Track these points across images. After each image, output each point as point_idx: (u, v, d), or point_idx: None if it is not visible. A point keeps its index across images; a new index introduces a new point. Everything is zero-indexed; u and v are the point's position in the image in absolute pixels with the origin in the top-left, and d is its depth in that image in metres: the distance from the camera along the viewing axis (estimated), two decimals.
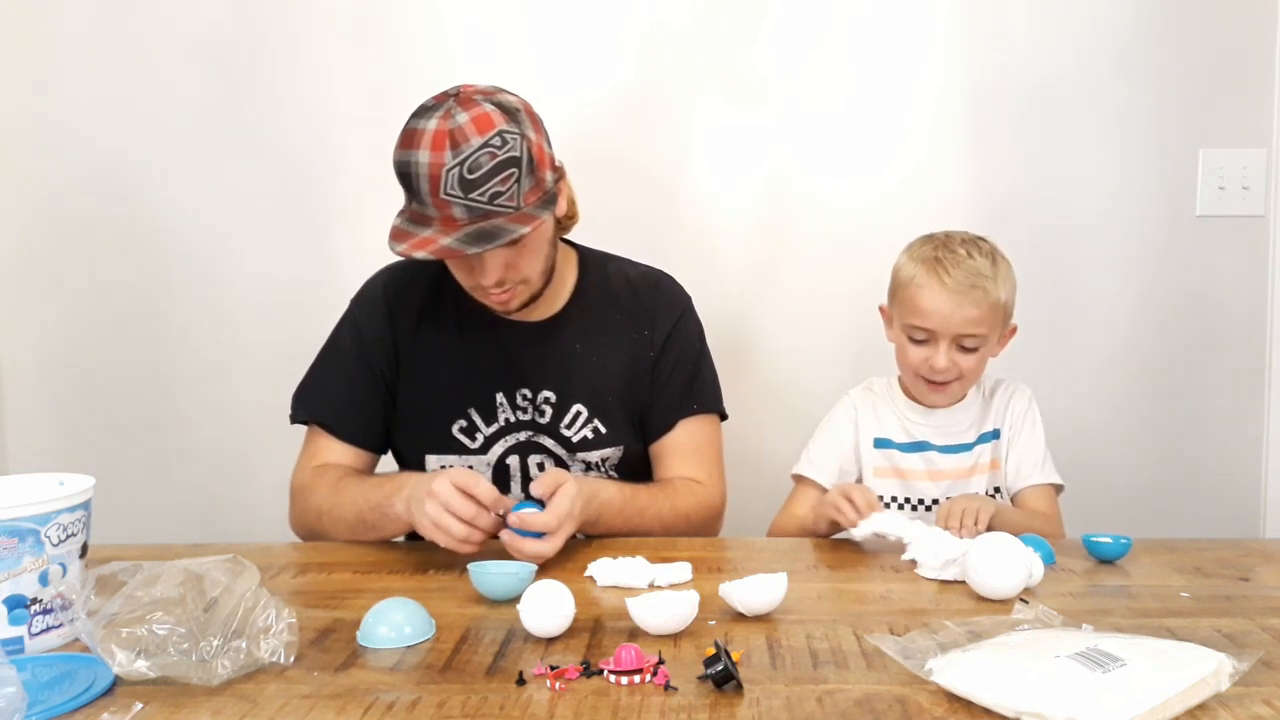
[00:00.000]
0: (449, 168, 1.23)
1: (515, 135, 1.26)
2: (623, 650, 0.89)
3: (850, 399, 1.60)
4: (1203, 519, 1.98)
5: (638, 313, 1.48)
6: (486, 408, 1.43)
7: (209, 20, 1.99)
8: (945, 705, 0.82)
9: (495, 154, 1.24)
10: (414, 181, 1.26)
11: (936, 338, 1.46)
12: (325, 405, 1.45)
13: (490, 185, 1.24)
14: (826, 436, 1.58)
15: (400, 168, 1.28)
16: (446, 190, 1.24)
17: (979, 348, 1.48)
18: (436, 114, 1.26)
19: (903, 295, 1.49)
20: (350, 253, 1.97)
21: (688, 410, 1.48)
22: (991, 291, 1.45)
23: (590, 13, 1.98)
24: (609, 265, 1.52)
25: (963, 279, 1.44)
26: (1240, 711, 0.81)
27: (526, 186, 1.28)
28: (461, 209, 1.24)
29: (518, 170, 1.26)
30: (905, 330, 1.49)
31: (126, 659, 0.87)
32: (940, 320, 1.45)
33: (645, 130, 1.99)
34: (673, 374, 1.48)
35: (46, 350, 2.07)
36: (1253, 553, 1.29)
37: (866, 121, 1.99)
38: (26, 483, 1.06)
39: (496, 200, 1.25)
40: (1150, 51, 1.96)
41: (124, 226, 2.04)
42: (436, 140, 1.24)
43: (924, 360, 1.48)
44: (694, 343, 1.51)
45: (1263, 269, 1.99)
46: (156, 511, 2.02)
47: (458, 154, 1.23)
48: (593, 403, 1.44)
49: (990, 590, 1.08)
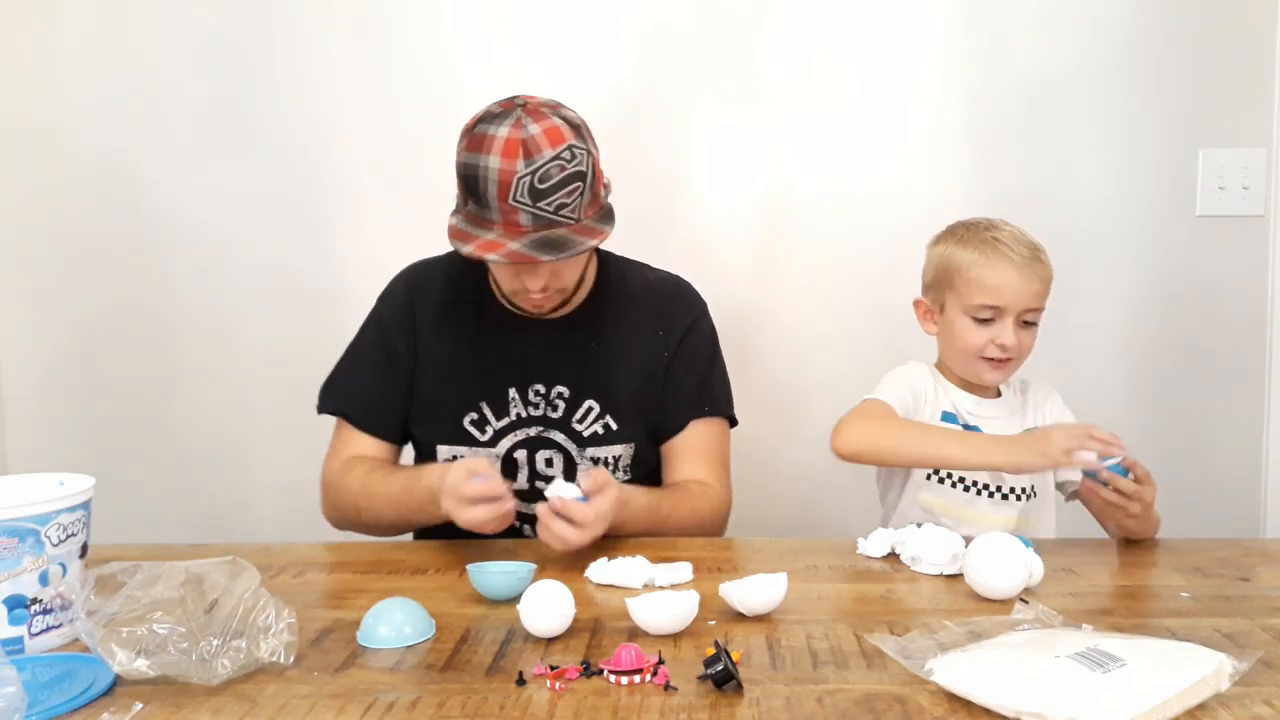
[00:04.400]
0: (521, 176, 1.26)
1: (583, 150, 1.31)
2: (623, 650, 0.89)
3: (920, 369, 1.57)
4: (1203, 519, 1.97)
5: (654, 315, 1.52)
6: (498, 402, 1.45)
7: (209, 20, 1.99)
8: (945, 705, 0.82)
9: (565, 167, 1.28)
10: (481, 185, 1.29)
11: (1004, 314, 1.48)
12: (351, 400, 1.49)
13: (557, 196, 1.28)
14: (900, 381, 1.53)
15: (468, 170, 1.30)
16: (516, 197, 1.27)
17: (1036, 322, 1.51)
18: (506, 122, 1.29)
19: (964, 279, 1.49)
20: (351, 253, 1.97)
21: (699, 411, 1.50)
22: (1048, 264, 1.49)
23: (590, 13, 1.98)
24: (627, 268, 1.56)
25: (1026, 253, 1.47)
26: (1240, 711, 0.81)
27: (587, 200, 1.33)
28: (528, 216, 1.28)
29: (582, 185, 1.31)
30: (970, 312, 1.49)
31: (126, 658, 0.87)
32: (1012, 295, 1.47)
33: (645, 130, 1.99)
34: (686, 375, 1.50)
35: (47, 350, 2.07)
36: (1253, 553, 1.29)
37: (867, 121, 1.99)
38: (26, 483, 1.06)
39: (561, 211, 1.29)
40: (1150, 51, 1.96)
41: (124, 226, 2.04)
42: (509, 148, 1.27)
43: (989, 340, 1.48)
44: (708, 346, 1.54)
45: (1263, 269, 1.99)
46: (156, 511, 2.02)
47: (530, 163, 1.27)
48: (605, 399, 1.46)
49: (990, 590, 1.08)
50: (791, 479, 1.87)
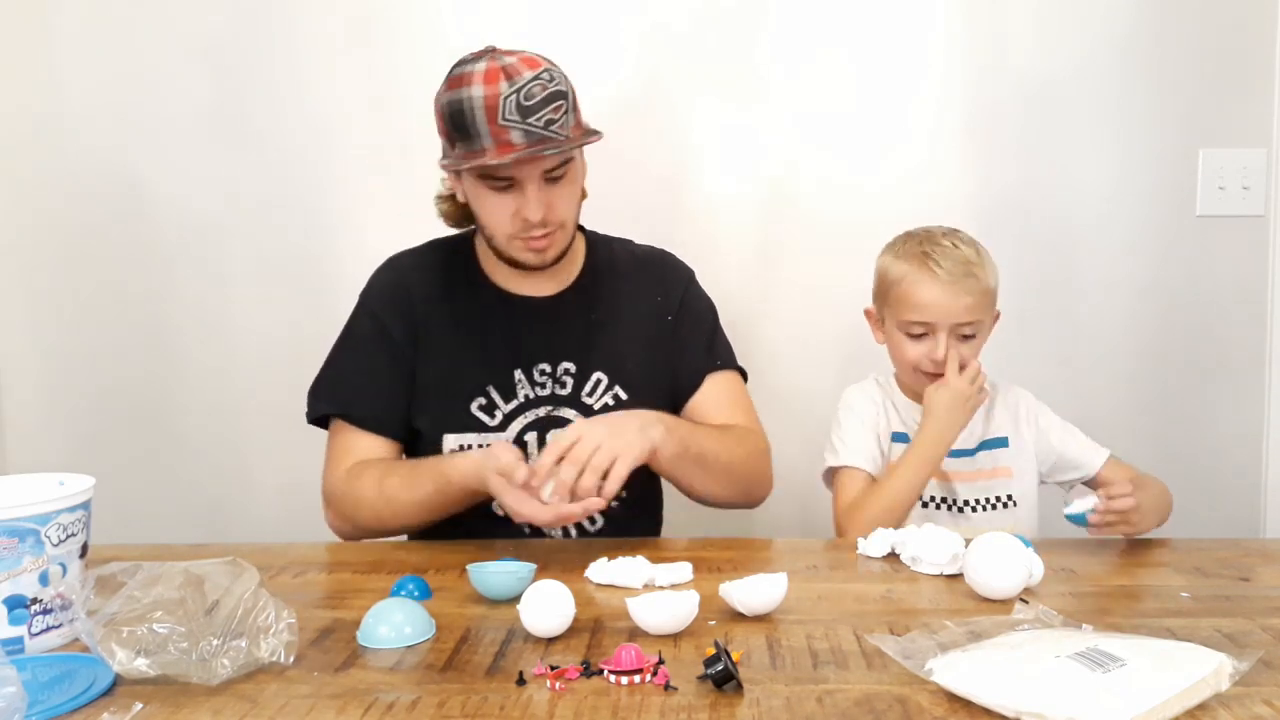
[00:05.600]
0: (506, 95, 1.29)
1: (560, 73, 1.36)
2: (623, 650, 0.89)
3: (866, 390, 1.60)
4: (1203, 519, 1.97)
5: (648, 281, 1.54)
6: (505, 385, 1.44)
7: (209, 20, 1.99)
8: (945, 705, 0.82)
9: (546, 85, 1.32)
10: (469, 116, 1.31)
11: (935, 330, 1.48)
12: (347, 396, 1.46)
13: (545, 112, 1.31)
14: (855, 421, 1.56)
15: (453, 107, 1.32)
16: (505, 116, 1.30)
17: (975, 335, 1.50)
18: (482, 59, 1.34)
19: (896, 293, 1.50)
20: (352, 252, 1.97)
21: (713, 365, 1.52)
22: (982, 278, 1.48)
23: (590, 13, 1.98)
24: (614, 244, 1.58)
25: (955, 269, 1.46)
26: (1240, 711, 0.80)
27: (573, 121, 1.35)
28: (519, 133, 1.30)
29: (565, 103, 1.34)
30: (902, 327, 1.51)
31: (127, 657, 0.87)
32: (939, 312, 1.47)
33: (645, 130, 1.99)
34: (693, 332, 1.53)
35: (46, 350, 2.07)
36: (1253, 553, 1.29)
37: (867, 121, 1.99)
38: (26, 483, 1.06)
39: (551, 127, 1.32)
40: (1150, 52, 1.96)
41: (124, 226, 2.04)
42: (490, 75, 1.31)
43: (924, 355, 1.49)
44: (706, 307, 1.57)
45: (1263, 269, 1.99)
46: (156, 511, 2.02)
47: (513, 84, 1.30)
48: (613, 370, 1.46)
49: (990, 590, 1.08)
50: (791, 478, 1.86)
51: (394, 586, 1.12)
